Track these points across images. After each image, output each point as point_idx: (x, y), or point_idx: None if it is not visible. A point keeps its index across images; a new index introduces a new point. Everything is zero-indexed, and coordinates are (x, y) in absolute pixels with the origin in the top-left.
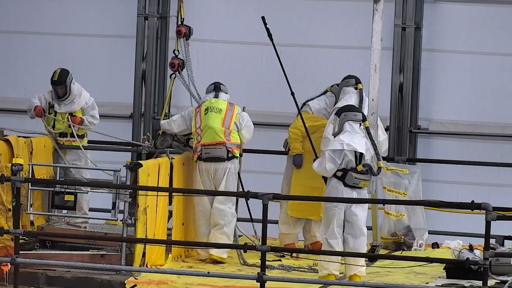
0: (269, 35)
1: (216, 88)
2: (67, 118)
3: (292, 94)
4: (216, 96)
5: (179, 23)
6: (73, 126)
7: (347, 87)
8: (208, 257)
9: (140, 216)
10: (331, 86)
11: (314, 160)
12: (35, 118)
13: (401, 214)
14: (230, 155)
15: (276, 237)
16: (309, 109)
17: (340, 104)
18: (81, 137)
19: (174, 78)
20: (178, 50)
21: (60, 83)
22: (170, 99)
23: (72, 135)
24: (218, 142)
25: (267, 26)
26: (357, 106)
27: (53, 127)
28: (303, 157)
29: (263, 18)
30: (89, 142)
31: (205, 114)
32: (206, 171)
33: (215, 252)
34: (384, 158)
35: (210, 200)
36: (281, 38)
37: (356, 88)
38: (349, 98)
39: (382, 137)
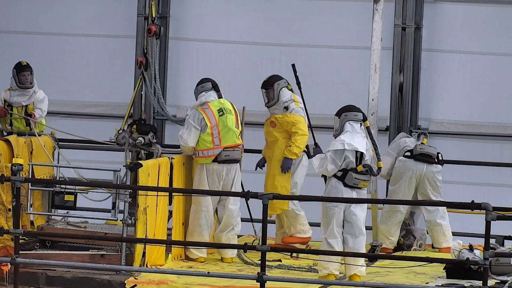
0: (298, 83)
1: (215, 87)
2: (25, 112)
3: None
4: (220, 97)
5: (150, 22)
6: (32, 122)
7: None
8: (222, 259)
9: (140, 216)
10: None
11: (314, 153)
12: None
13: None
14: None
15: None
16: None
17: None
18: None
19: (141, 77)
20: (146, 49)
21: (30, 67)
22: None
23: (30, 134)
24: (236, 145)
25: (297, 74)
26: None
27: (11, 125)
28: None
29: (293, 65)
30: (88, 142)
31: (221, 115)
32: (218, 173)
33: (231, 255)
34: None
35: (215, 200)
36: (281, 38)
37: None
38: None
39: None
